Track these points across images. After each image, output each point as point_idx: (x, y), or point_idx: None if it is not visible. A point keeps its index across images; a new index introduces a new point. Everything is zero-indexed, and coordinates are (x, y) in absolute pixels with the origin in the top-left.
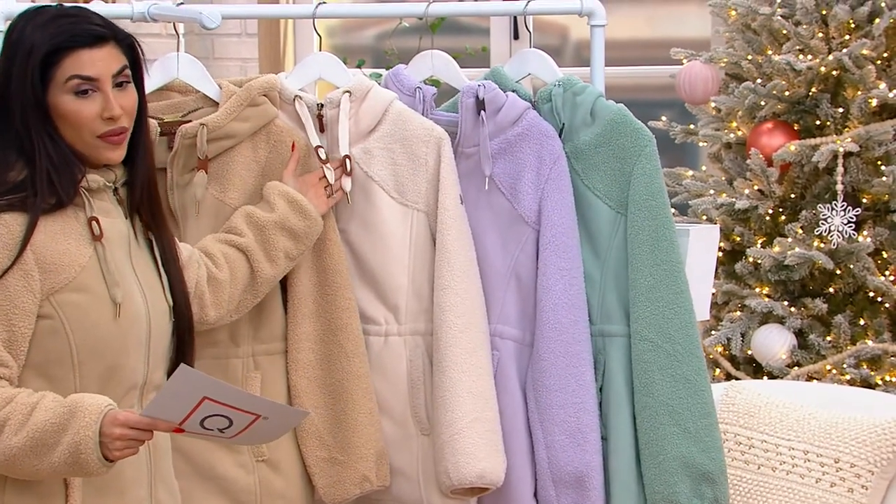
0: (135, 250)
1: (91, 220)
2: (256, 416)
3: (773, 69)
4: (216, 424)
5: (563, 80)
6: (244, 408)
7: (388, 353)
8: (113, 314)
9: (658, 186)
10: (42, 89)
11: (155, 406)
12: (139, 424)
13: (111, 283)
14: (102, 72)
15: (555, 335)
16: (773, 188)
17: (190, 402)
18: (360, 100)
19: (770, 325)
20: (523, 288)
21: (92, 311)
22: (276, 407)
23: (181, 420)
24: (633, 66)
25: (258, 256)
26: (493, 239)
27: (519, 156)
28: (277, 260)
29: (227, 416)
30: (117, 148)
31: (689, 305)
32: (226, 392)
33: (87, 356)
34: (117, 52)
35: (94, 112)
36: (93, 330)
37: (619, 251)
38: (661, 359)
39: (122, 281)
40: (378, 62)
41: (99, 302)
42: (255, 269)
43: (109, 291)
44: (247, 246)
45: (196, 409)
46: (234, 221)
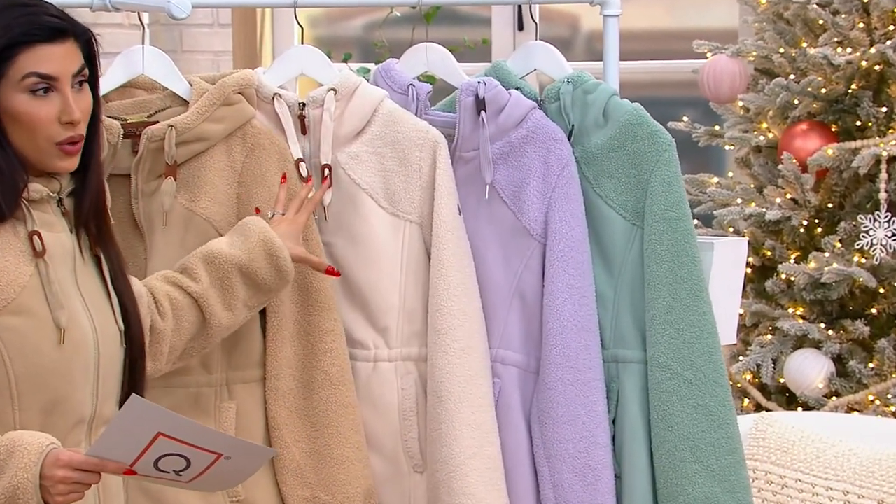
0: (80, 268)
1: (32, 234)
2: (217, 456)
3: (808, 64)
4: (172, 465)
5: (573, 77)
6: (204, 446)
7: (378, 381)
8: (56, 340)
9: (678, 195)
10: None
11: (102, 444)
12: (84, 465)
13: (55, 304)
14: (62, 70)
15: (563, 361)
16: (808, 197)
17: (142, 439)
18: (346, 98)
19: (805, 351)
20: (528, 308)
21: (33, 337)
22: (240, 445)
23: (133, 460)
24: (652, 61)
25: (214, 304)
26: (495, 254)
27: (523, 161)
28: (236, 308)
29: (184, 456)
30: (72, 157)
31: (713, 328)
32: (183, 427)
33: (27, 387)
34: (76, 48)
35: (51, 114)
36: (34, 357)
37: (635, 267)
38: (682, 388)
39: (67, 302)
40: (366, 56)
41: (41, 326)
42: (209, 318)
43: (53, 314)
44: (200, 294)
45: (149, 448)
46: (190, 262)
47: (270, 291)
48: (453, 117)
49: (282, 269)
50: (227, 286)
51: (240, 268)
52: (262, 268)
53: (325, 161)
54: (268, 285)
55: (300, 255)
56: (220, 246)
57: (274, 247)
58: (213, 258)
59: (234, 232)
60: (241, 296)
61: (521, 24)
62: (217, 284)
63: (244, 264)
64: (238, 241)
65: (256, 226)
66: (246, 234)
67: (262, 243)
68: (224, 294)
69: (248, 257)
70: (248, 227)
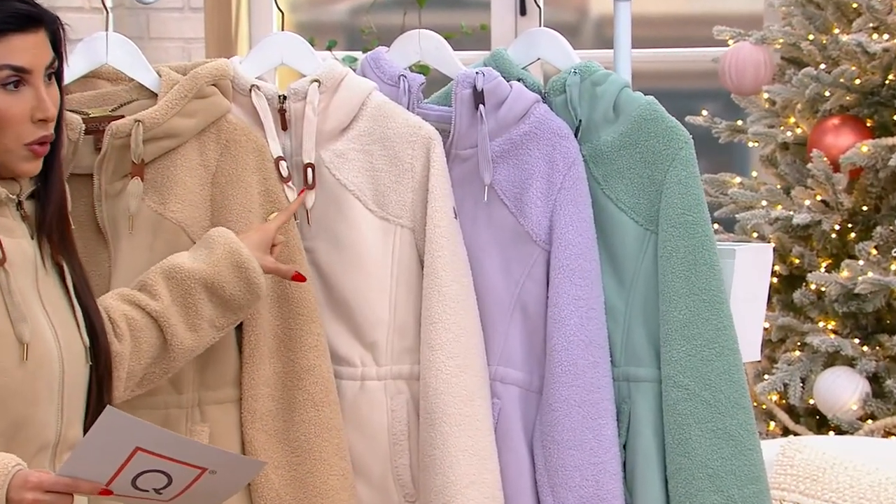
0: (42, 278)
1: None
2: (202, 471)
3: (840, 52)
4: (152, 483)
5: (581, 67)
6: (186, 460)
7: (366, 402)
8: (19, 356)
9: (696, 197)
10: None
11: (75, 462)
12: (56, 487)
13: (16, 317)
14: (36, 62)
15: (569, 380)
16: (840, 199)
17: (119, 455)
18: (331, 91)
19: (837, 369)
20: (530, 322)
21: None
22: (226, 457)
23: (109, 479)
24: (668, 49)
25: (176, 324)
26: (494, 261)
27: (526, 160)
28: (201, 329)
29: (165, 472)
30: (39, 158)
31: (734, 344)
32: (164, 440)
33: None
34: (46, 38)
35: (24, 111)
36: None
37: (648, 277)
38: (700, 410)
39: (30, 315)
40: (353, 44)
41: (1, 341)
42: (170, 340)
43: (14, 328)
44: (160, 313)
45: (127, 464)
46: (150, 277)
47: (240, 308)
48: (449, 111)
49: (251, 282)
50: (190, 304)
51: (204, 283)
52: (229, 282)
53: (307, 160)
54: (237, 302)
55: (271, 267)
56: (181, 260)
57: (241, 258)
58: (174, 273)
59: (198, 244)
60: (207, 314)
61: (524, 9)
62: (179, 302)
63: (209, 279)
64: (202, 253)
65: (222, 236)
66: (210, 246)
67: (229, 255)
68: (187, 313)
69: (213, 271)
70: (213, 238)
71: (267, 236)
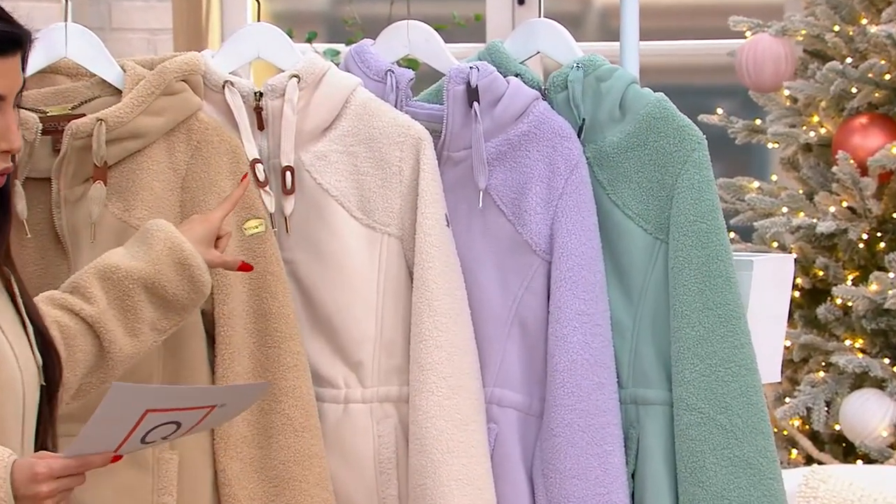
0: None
1: None
2: (210, 408)
3: (868, 44)
4: (161, 433)
5: (584, 61)
6: (195, 405)
7: (350, 427)
8: None
9: (709, 203)
10: None
11: (83, 440)
12: (67, 470)
13: None
14: (10, 89)
15: (572, 403)
16: (868, 205)
17: (128, 422)
18: (311, 87)
19: (865, 391)
20: (530, 339)
21: None
22: (233, 391)
23: (118, 445)
24: (679, 41)
25: (113, 329)
26: (490, 273)
27: (524, 162)
28: (141, 333)
29: (174, 421)
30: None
31: (752, 364)
32: (173, 396)
33: None
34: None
35: None
36: None
37: (658, 291)
38: (715, 436)
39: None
40: (334, 35)
41: None
42: (107, 347)
43: None
44: (96, 318)
45: (137, 427)
46: (83, 279)
47: (184, 309)
48: (440, 110)
49: (196, 280)
50: (129, 307)
51: (144, 283)
52: (171, 281)
53: (286, 162)
54: (180, 302)
55: (217, 261)
56: (117, 258)
57: (184, 254)
58: (109, 273)
59: (134, 240)
60: (148, 317)
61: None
62: (116, 305)
63: (149, 279)
64: (139, 250)
65: (161, 230)
66: (148, 241)
67: (170, 251)
68: (126, 316)
69: (152, 269)
70: (151, 232)
71: (211, 228)
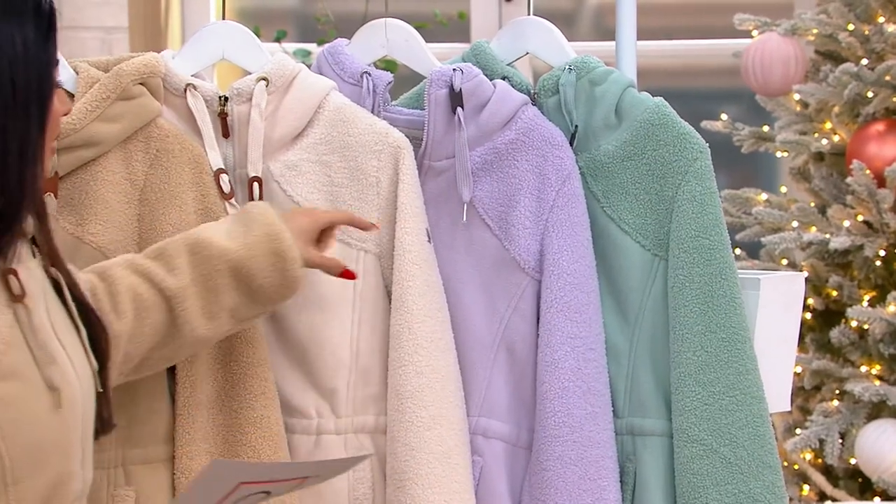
0: (51, 302)
1: (7, 273)
2: (302, 480)
3: (885, 44)
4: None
5: (577, 63)
6: (287, 477)
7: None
8: (51, 404)
9: (712, 218)
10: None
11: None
12: None
13: (44, 360)
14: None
15: (563, 434)
16: (885, 219)
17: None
18: (281, 91)
19: (883, 422)
20: (517, 365)
21: (28, 405)
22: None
23: None
24: (680, 41)
25: (191, 308)
26: (475, 293)
27: (512, 173)
28: (218, 318)
29: (264, 491)
30: None
31: (759, 392)
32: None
33: (25, 471)
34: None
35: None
36: (31, 432)
37: (657, 312)
38: (718, 470)
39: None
40: (306, 34)
41: (33, 390)
42: (181, 325)
43: (42, 373)
44: (176, 292)
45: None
46: (172, 247)
47: (269, 301)
48: (421, 115)
49: (288, 274)
50: (212, 287)
51: (234, 267)
52: (262, 270)
53: (253, 173)
54: (266, 293)
55: (316, 260)
56: (212, 233)
57: (282, 245)
58: (200, 248)
59: (235, 219)
60: (229, 302)
61: None
62: (200, 283)
63: (240, 262)
64: (237, 230)
65: (263, 214)
66: (247, 224)
67: (267, 238)
68: (207, 296)
69: (246, 254)
70: (252, 215)
71: (316, 223)
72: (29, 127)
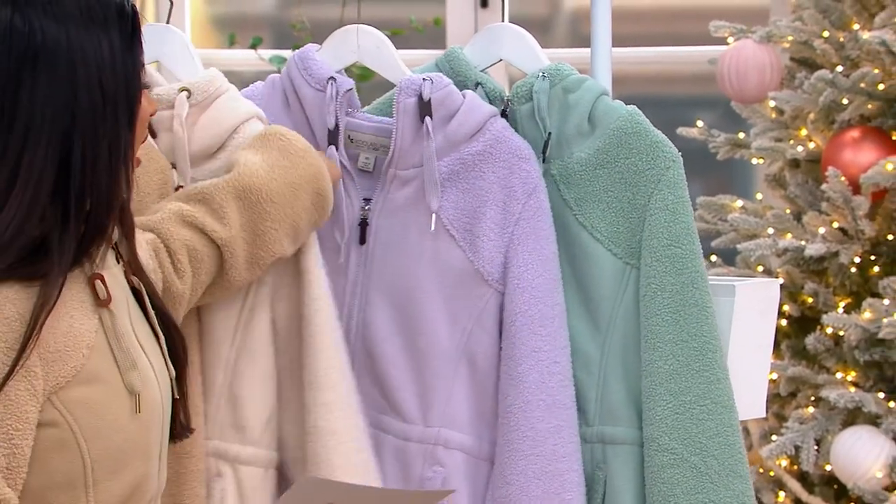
0: (133, 309)
1: (95, 278)
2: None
3: (860, 52)
4: None
5: (551, 70)
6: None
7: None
8: (131, 408)
9: (684, 227)
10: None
11: None
12: None
13: (126, 365)
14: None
15: (527, 448)
16: (860, 226)
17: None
18: (202, 106)
19: (858, 428)
20: (480, 377)
21: (109, 409)
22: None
23: None
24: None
25: (239, 255)
26: (438, 304)
27: (478, 184)
28: (261, 262)
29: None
30: None
31: (729, 401)
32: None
33: (105, 473)
34: None
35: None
36: (113, 435)
37: (628, 321)
38: (689, 479)
39: (138, 358)
40: (281, 41)
41: (114, 395)
42: (228, 272)
43: (124, 378)
44: (227, 241)
45: None
46: (219, 194)
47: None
48: (389, 123)
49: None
50: (260, 232)
51: (280, 209)
52: (306, 210)
53: (180, 182)
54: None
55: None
56: (255, 170)
57: (324, 184)
58: (248, 194)
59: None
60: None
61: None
62: (249, 228)
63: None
64: (281, 165)
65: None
66: (290, 158)
67: (313, 179)
68: (255, 242)
69: (292, 196)
70: (294, 147)
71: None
72: (119, 131)
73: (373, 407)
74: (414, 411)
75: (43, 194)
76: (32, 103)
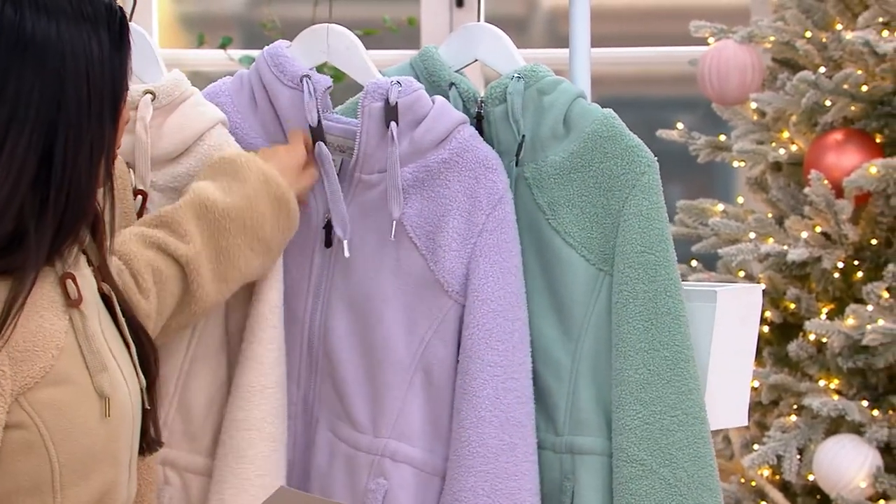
0: (103, 316)
1: (66, 277)
2: None
3: (843, 52)
4: None
5: (526, 71)
6: None
7: None
8: (101, 411)
9: (658, 233)
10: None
11: None
12: None
13: (95, 367)
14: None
15: (478, 465)
16: (844, 230)
17: None
18: (165, 110)
19: (841, 437)
20: (435, 389)
21: (78, 412)
22: None
23: None
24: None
25: (204, 273)
26: (397, 312)
27: (443, 193)
28: (229, 279)
29: None
30: None
31: (701, 412)
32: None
33: (72, 478)
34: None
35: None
36: (81, 438)
37: (600, 328)
38: (658, 490)
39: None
40: (251, 41)
41: (84, 397)
42: (195, 291)
43: (93, 380)
44: (190, 259)
45: None
46: (178, 214)
47: (277, 249)
48: (356, 125)
49: (290, 216)
50: (223, 248)
51: (242, 222)
52: (268, 219)
53: (140, 186)
54: (275, 240)
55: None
56: (210, 192)
57: (280, 189)
58: (206, 211)
59: (221, 173)
60: (240, 261)
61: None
62: (212, 246)
63: (247, 217)
64: (232, 185)
65: (252, 162)
66: (237, 176)
67: (265, 186)
68: (218, 259)
69: (247, 206)
70: (240, 164)
71: (297, 157)
72: (102, 127)
73: (332, 412)
74: (365, 420)
75: (23, 185)
76: (19, 93)
